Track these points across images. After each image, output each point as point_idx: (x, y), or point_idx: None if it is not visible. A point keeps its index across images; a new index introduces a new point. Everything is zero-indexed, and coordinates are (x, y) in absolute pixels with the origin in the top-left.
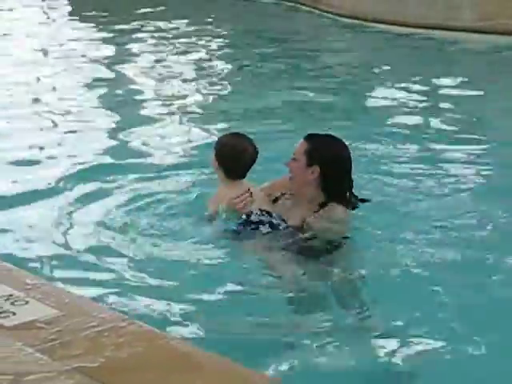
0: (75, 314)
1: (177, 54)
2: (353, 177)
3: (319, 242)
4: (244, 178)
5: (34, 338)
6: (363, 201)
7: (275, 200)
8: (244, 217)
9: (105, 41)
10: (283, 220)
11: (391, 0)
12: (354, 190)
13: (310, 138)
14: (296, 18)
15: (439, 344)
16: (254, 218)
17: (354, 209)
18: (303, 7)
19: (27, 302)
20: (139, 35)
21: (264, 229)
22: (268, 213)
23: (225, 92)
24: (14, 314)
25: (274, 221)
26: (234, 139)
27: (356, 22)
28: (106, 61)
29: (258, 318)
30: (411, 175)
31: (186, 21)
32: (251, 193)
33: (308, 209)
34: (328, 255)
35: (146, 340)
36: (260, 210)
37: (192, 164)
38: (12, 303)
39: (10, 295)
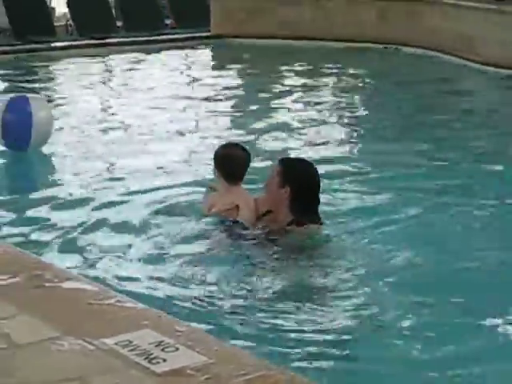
0: (224, 362)
1: (317, 104)
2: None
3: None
4: (241, 180)
5: None
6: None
7: (263, 215)
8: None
9: (245, 89)
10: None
11: None
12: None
13: (282, 161)
14: (441, 67)
15: None
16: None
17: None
18: (446, 56)
19: (177, 349)
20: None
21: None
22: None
23: (365, 136)
24: (165, 360)
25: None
26: (227, 149)
27: (505, 71)
28: (244, 105)
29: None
30: None
31: (325, 71)
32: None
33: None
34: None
35: None
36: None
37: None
38: (162, 349)
39: (161, 341)
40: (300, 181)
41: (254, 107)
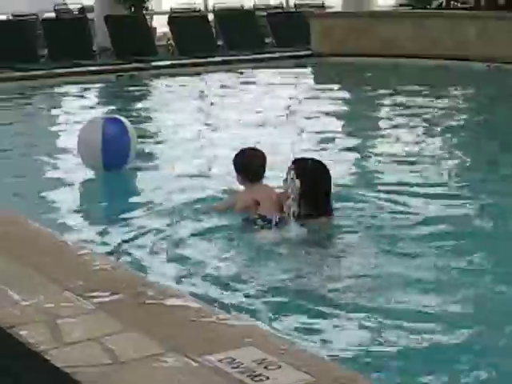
0: (327, 380)
1: (419, 123)
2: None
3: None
4: (262, 178)
5: None
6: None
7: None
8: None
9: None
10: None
11: None
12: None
13: (295, 161)
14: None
15: None
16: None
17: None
18: None
19: (280, 367)
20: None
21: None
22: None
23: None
24: (268, 378)
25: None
26: (243, 152)
27: None
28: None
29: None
30: None
31: (425, 89)
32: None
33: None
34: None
35: None
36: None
37: None
38: (265, 367)
39: (264, 359)
40: (308, 178)
41: (355, 124)
